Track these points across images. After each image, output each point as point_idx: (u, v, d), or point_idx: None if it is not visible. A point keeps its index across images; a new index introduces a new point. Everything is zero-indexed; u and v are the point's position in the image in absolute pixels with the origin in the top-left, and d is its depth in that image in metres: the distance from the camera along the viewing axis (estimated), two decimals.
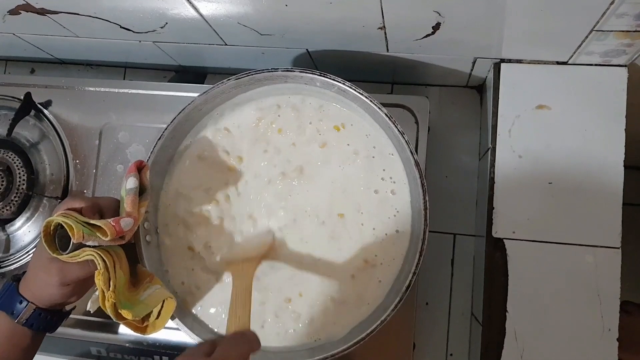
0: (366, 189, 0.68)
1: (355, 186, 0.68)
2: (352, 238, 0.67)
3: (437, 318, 0.82)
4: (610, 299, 0.65)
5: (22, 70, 1.02)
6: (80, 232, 0.55)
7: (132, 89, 0.82)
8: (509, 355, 0.66)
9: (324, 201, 0.68)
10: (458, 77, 0.83)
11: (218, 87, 0.69)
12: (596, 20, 0.57)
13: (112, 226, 0.57)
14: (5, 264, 0.80)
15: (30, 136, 0.85)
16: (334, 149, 0.69)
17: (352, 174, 0.68)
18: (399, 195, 0.67)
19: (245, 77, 0.68)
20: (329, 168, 0.69)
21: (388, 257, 0.66)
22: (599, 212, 0.66)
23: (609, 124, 0.67)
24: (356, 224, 0.67)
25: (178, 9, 0.68)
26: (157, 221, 0.71)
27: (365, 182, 0.68)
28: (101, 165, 0.81)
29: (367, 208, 0.68)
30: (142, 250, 0.66)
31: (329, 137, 0.70)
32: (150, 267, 0.66)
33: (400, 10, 0.61)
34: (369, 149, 0.69)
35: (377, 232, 0.67)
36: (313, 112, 0.71)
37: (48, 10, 0.73)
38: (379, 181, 0.68)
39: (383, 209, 0.67)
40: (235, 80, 0.68)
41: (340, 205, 0.68)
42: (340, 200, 0.68)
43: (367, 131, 0.69)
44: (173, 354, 0.76)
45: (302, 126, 0.70)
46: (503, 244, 0.68)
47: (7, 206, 0.81)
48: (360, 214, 0.67)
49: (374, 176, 0.68)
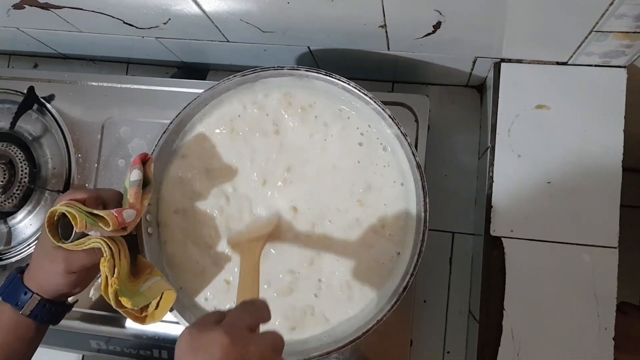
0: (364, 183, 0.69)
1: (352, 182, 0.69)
2: (359, 222, 0.68)
3: (434, 315, 0.82)
4: (606, 298, 0.65)
5: (25, 64, 1.03)
6: (83, 221, 0.55)
7: (134, 85, 0.83)
8: (506, 352, 0.66)
9: (324, 190, 0.69)
10: (458, 76, 0.83)
11: (224, 83, 0.69)
12: (596, 21, 0.57)
13: (115, 217, 0.57)
14: (7, 257, 0.81)
15: (32, 130, 0.85)
16: (333, 140, 0.70)
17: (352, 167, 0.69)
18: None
19: (251, 74, 0.69)
20: (327, 159, 0.70)
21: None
22: (596, 212, 0.67)
23: (607, 124, 0.68)
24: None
25: (181, 5, 0.68)
26: (158, 214, 0.71)
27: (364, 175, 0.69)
28: (103, 159, 0.82)
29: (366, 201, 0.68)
30: (143, 242, 0.67)
31: (329, 128, 0.71)
32: (150, 259, 0.66)
33: (402, 9, 0.62)
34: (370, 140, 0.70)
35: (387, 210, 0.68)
36: (306, 100, 0.72)
37: (52, 5, 0.74)
38: (378, 177, 0.69)
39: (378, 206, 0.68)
40: (241, 77, 0.69)
41: (341, 197, 0.69)
42: (340, 192, 0.69)
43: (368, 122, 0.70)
44: (172, 347, 0.76)
45: (305, 118, 0.71)
46: (501, 243, 0.68)
47: (9, 199, 0.82)
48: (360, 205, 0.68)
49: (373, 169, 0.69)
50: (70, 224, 0.56)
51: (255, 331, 0.47)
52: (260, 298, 0.53)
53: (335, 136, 0.70)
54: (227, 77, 0.69)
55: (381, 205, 0.68)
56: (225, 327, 0.44)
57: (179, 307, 0.66)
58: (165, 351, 0.77)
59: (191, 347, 0.43)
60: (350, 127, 0.70)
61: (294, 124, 0.71)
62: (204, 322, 0.46)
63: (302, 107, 0.71)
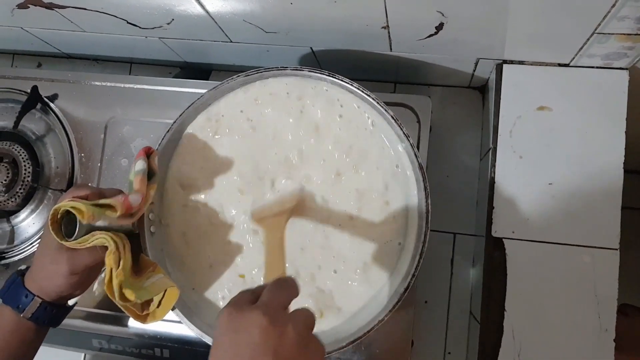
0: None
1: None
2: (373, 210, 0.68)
3: (436, 316, 0.83)
4: (607, 299, 0.65)
5: (29, 63, 1.03)
6: (90, 212, 0.55)
7: (137, 84, 0.83)
8: (506, 353, 0.66)
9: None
10: (460, 78, 0.84)
11: (228, 83, 0.70)
12: (597, 22, 0.57)
13: (121, 202, 0.57)
14: (10, 255, 0.81)
15: (36, 129, 0.86)
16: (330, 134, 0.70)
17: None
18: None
19: (254, 74, 0.69)
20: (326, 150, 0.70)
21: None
22: (598, 213, 0.67)
23: (609, 126, 0.68)
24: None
25: (185, 5, 0.69)
26: (161, 212, 0.71)
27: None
28: (106, 159, 0.82)
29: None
30: (145, 241, 0.67)
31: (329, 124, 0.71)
32: (153, 258, 0.67)
33: (404, 10, 0.62)
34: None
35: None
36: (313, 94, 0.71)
37: (56, 5, 0.74)
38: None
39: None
40: (244, 77, 0.69)
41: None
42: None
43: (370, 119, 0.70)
44: (174, 346, 0.77)
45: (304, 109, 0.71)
46: (502, 244, 0.68)
47: (12, 198, 0.82)
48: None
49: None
50: (73, 223, 0.57)
51: (288, 309, 0.48)
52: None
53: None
54: (231, 77, 0.69)
55: (383, 204, 0.68)
56: (263, 308, 0.45)
57: (193, 306, 0.66)
58: (167, 350, 0.77)
59: (231, 328, 0.44)
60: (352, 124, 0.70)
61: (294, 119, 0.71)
62: (240, 302, 0.47)
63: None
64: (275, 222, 0.65)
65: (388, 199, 0.68)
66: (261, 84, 0.71)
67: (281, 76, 0.70)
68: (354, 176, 0.68)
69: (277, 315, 0.45)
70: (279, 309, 0.46)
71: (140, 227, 0.67)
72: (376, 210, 0.68)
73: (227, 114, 0.72)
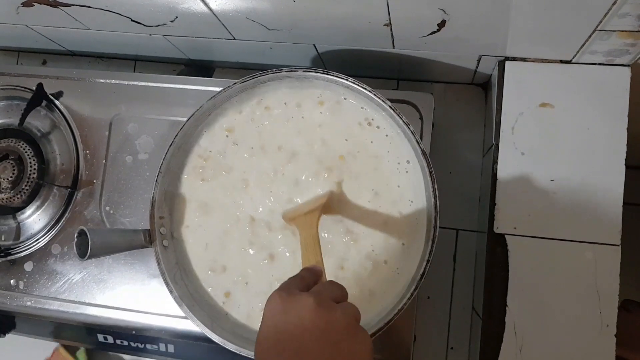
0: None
1: None
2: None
3: (438, 311, 0.83)
4: (609, 295, 0.65)
5: (34, 61, 1.04)
6: None
7: (141, 82, 0.83)
8: (508, 348, 0.67)
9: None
10: (463, 74, 0.84)
11: (225, 92, 0.70)
12: (599, 19, 0.58)
13: None
14: (16, 251, 0.82)
15: (41, 126, 0.86)
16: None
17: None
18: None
19: (250, 80, 0.69)
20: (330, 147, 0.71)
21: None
22: (599, 210, 0.67)
23: (611, 122, 0.68)
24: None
25: (188, 3, 0.69)
26: (172, 226, 0.72)
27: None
28: (111, 155, 0.82)
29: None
30: (159, 256, 0.68)
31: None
32: (167, 270, 0.67)
33: (406, 7, 0.62)
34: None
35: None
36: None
37: (60, 3, 0.75)
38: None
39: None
40: (241, 83, 0.69)
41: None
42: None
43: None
44: (178, 341, 0.77)
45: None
46: (504, 240, 0.69)
47: (18, 194, 0.83)
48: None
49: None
50: (87, 242, 0.58)
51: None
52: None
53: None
54: (227, 86, 0.70)
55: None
56: (314, 295, 0.46)
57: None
58: (172, 345, 0.78)
59: (282, 309, 0.45)
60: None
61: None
62: (291, 286, 0.48)
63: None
64: (306, 220, 0.65)
65: (396, 199, 0.68)
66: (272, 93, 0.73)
67: (277, 79, 0.70)
68: (365, 177, 0.70)
69: (327, 303, 0.46)
70: (329, 299, 0.47)
71: (154, 243, 0.68)
72: (388, 209, 0.69)
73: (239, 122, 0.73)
